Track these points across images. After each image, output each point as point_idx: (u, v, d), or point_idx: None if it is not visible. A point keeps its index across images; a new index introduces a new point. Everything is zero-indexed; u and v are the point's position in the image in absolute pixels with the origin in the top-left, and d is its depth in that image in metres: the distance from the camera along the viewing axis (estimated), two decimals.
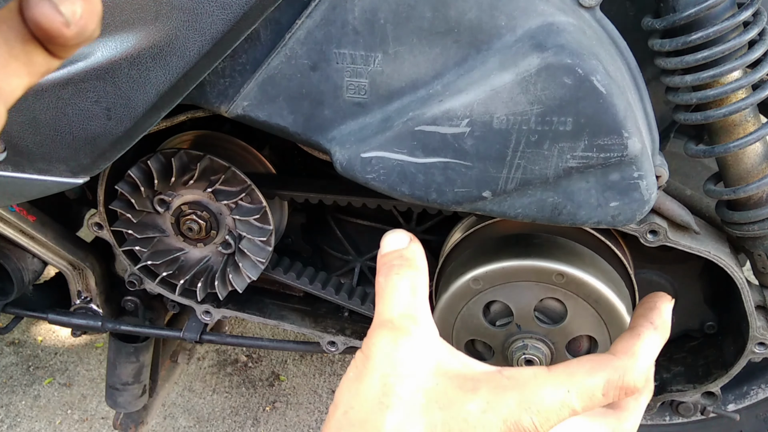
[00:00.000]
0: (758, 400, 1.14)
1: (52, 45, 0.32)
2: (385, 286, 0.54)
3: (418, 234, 1.15)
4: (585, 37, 0.69)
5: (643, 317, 0.57)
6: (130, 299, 1.21)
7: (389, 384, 0.49)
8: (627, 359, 0.52)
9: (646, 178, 0.73)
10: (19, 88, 0.32)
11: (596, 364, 0.51)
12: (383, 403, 0.49)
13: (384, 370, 0.50)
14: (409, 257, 0.55)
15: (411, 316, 0.52)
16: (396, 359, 0.50)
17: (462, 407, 0.48)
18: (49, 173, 0.74)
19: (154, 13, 0.64)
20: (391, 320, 0.52)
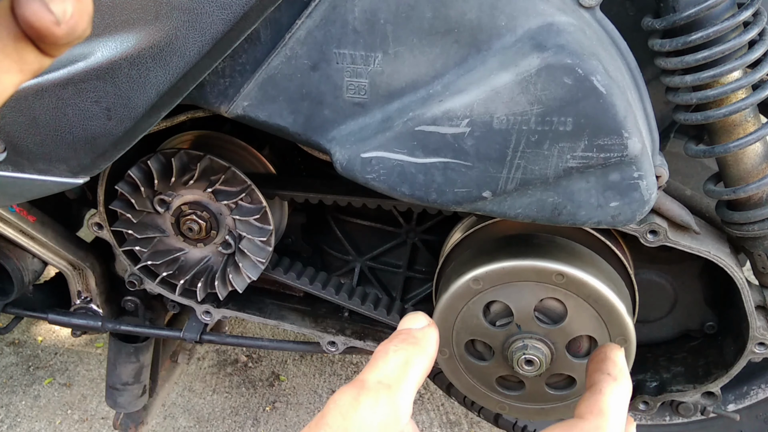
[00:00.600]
0: (758, 400, 1.14)
1: (43, 43, 0.32)
2: (378, 353, 0.49)
3: (418, 234, 1.15)
4: (585, 38, 0.69)
5: (599, 371, 0.53)
6: (130, 299, 1.21)
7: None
8: (596, 419, 0.48)
9: (646, 178, 0.73)
10: (11, 85, 0.33)
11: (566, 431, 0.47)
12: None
13: (334, 428, 0.44)
14: (418, 336, 0.50)
15: (387, 385, 0.46)
16: (351, 418, 0.44)
17: None
18: (49, 173, 0.74)
19: (154, 13, 0.64)
20: (364, 381, 0.46)
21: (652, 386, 1.10)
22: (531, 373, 0.90)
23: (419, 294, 1.19)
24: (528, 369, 0.89)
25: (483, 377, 0.97)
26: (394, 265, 1.19)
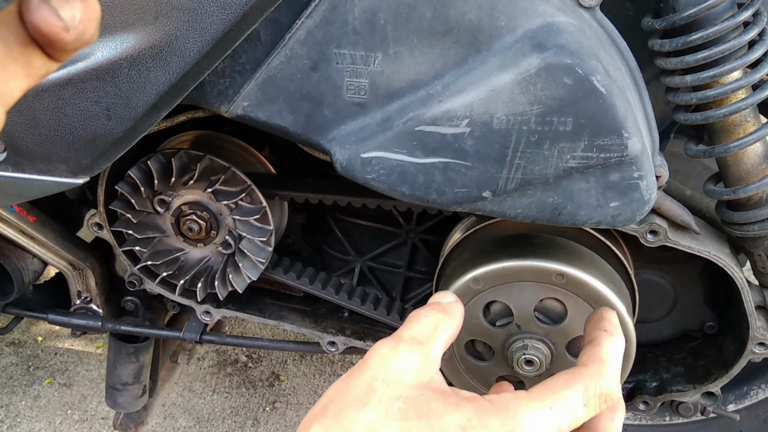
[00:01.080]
0: (758, 400, 1.14)
1: (51, 49, 0.32)
2: (412, 316, 0.57)
3: (418, 234, 1.15)
4: (585, 38, 0.69)
5: (596, 328, 0.59)
6: (130, 299, 1.21)
7: (374, 386, 0.50)
8: (597, 366, 0.53)
9: (646, 179, 0.73)
10: (17, 90, 0.33)
11: (570, 376, 0.51)
12: (362, 401, 0.49)
13: (375, 372, 0.51)
14: (446, 306, 0.58)
15: (420, 341, 0.53)
16: (390, 364, 0.51)
17: (441, 419, 0.47)
18: (49, 173, 0.74)
19: (154, 13, 0.64)
20: (401, 336, 0.54)
21: (652, 386, 1.10)
22: (531, 374, 0.90)
23: (419, 294, 1.19)
24: (528, 369, 0.89)
25: (483, 377, 0.97)
26: (394, 265, 1.19)
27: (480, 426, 0.47)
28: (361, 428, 0.47)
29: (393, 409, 0.48)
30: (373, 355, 0.52)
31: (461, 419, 0.47)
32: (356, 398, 0.49)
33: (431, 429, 0.47)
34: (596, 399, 0.51)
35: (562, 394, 0.50)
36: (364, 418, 0.48)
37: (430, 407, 0.48)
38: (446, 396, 0.50)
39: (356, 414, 0.48)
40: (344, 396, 0.50)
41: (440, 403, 0.49)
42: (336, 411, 0.49)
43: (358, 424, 0.48)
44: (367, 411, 0.48)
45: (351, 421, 0.48)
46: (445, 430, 0.47)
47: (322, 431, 0.49)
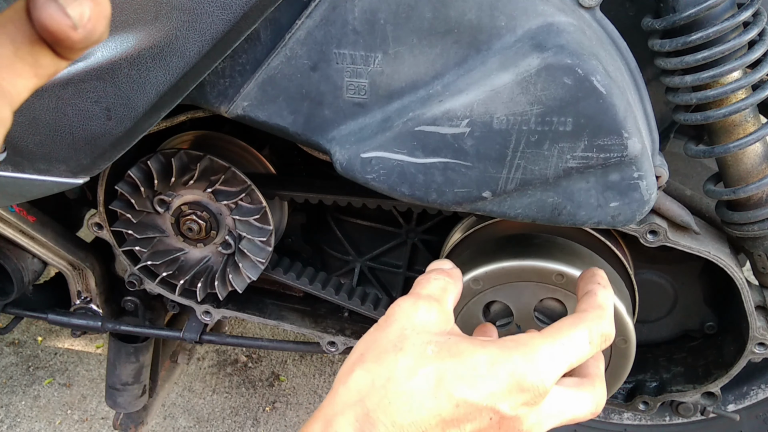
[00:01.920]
0: (758, 401, 1.14)
1: (59, 47, 0.31)
2: (421, 278, 0.63)
3: (418, 234, 1.15)
4: (585, 38, 0.69)
5: (590, 283, 0.66)
6: (130, 299, 1.21)
7: (405, 334, 0.56)
8: (597, 311, 0.60)
9: (646, 179, 0.73)
10: (25, 89, 0.32)
11: (575, 319, 0.59)
12: (397, 346, 0.55)
13: (402, 323, 0.57)
14: (449, 271, 0.65)
15: (436, 298, 0.60)
16: (414, 316, 0.58)
17: (472, 357, 0.53)
18: (49, 173, 0.74)
19: (154, 13, 0.64)
20: (418, 293, 0.61)
21: (652, 386, 1.10)
22: None
23: None
24: None
25: None
26: (394, 265, 1.19)
27: (505, 360, 0.53)
28: (402, 368, 0.53)
29: (427, 351, 0.54)
30: (397, 309, 0.59)
31: (490, 357, 0.53)
32: (391, 344, 0.55)
33: (464, 365, 0.53)
34: (599, 338, 0.58)
35: (571, 334, 0.57)
36: (403, 361, 0.53)
37: (459, 348, 0.54)
38: (471, 339, 0.56)
39: (395, 357, 0.54)
40: (379, 344, 0.56)
41: (468, 344, 0.55)
42: (375, 356, 0.55)
43: (398, 365, 0.53)
44: (404, 354, 0.54)
45: (391, 363, 0.54)
46: (477, 365, 0.53)
47: (365, 373, 0.54)
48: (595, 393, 0.59)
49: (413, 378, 0.52)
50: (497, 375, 0.52)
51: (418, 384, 0.52)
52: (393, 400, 0.52)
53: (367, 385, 0.53)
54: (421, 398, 0.52)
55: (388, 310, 0.60)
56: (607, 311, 0.61)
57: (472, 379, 0.52)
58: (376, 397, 0.52)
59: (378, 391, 0.52)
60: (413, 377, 0.52)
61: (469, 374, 0.52)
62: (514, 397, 0.52)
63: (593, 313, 0.60)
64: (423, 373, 0.52)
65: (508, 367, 0.53)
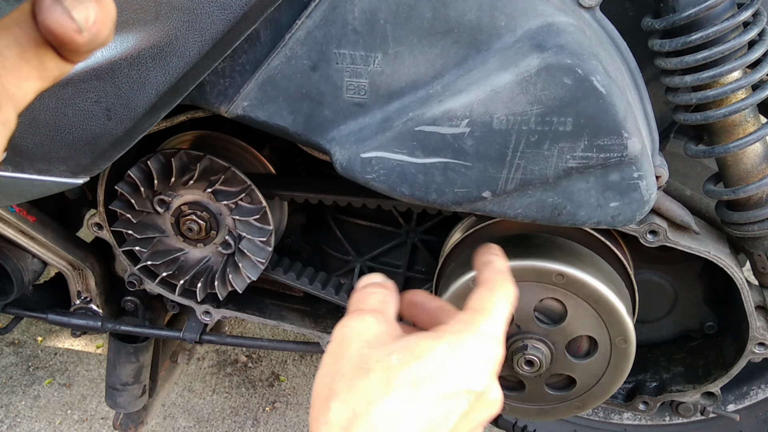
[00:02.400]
0: (758, 401, 1.14)
1: (64, 50, 0.31)
2: (357, 295, 0.63)
3: (418, 234, 1.15)
4: (585, 38, 0.69)
5: (484, 255, 0.68)
6: (130, 299, 1.21)
7: (365, 353, 0.55)
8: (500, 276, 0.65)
9: (645, 179, 0.73)
10: (30, 92, 0.32)
11: (490, 289, 0.63)
12: (363, 368, 0.54)
13: (358, 343, 0.56)
14: (382, 283, 0.65)
15: (380, 311, 0.60)
16: (366, 332, 0.57)
17: (433, 352, 0.54)
18: (49, 173, 0.74)
19: (154, 14, 0.64)
20: (362, 309, 0.60)
21: (651, 386, 1.10)
22: (531, 374, 0.90)
23: None
24: (528, 369, 0.89)
25: None
26: (394, 265, 1.19)
27: (463, 347, 0.56)
28: (376, 388, 0.52)
29: (392, 362, 0.54)
30: (347, 330, 0.58)
31: (448, 344, 0.55)
32: (357, 368, 0.54)
33: (433, 362, 0.54)
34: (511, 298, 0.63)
35: (496, 303, 0.61)
36: (374, 380, 0.53)
37: (420, 347, 0.55)
38: (423, 335, 0.57)
39: (367, 379, 0.53)
40: (344, 372, 0.54)
41: (426, 340, 0.55)
42: (346, 385, 0.53)
43: (372, 386, 0.52)
44: (374, 373, 0.53)
45: (364, 387, 0.52)
46: (443, 358, 0.54)
47: (342, 405, 0.52)
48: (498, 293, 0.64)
49: (390, 393, 0.52)
50: (461, 361, 0.55)
51: (396, 397, 0.52)
52: (378, 422, 0.51)
53: (348, 417, 0.52)
54: (404, 410, 0.52)
55: (335, 335, 0.58)
56: (508, 275, 0.66)
57: (442, 372, 0.54)
58: (362, 426, 0.51)
59: (362, 419, 0.52)
60: (390, 392, 0.52)
61: (437, 370, 0.54)
62: (480, 373, 0.56)
63: (500, 279, 0.65)
64: (397, 384, 0.53)
65: (467, 350, 0.56)
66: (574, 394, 0.95)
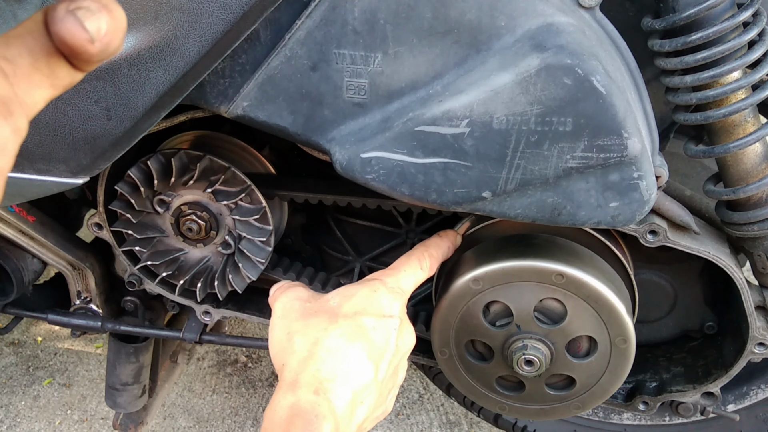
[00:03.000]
0: (758, 401, 1.14)
1: (75, 60, 0.31)
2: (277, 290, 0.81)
3: (417, 234, 1.15)
4: (585, 38, 0.69)
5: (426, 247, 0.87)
6: (130, 299, 1.21)
7: (306, 306, 0.74)
8: (421, 247, 0.85)
9: (645, 179, 0.73)
10: (41, 100, 0.32)
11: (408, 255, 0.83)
12: (311, 312, 0.72)
13: (297, 302, 0.75)
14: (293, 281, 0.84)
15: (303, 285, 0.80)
16: (300, 294, 0.77)
17: (360, 293, 0.73)
18: (48, 173, 0.74)
19: (154, 14, 0.64)
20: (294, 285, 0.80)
21: (651, 386, 1.10)
22: (531, 374, 0.90)
23: (419, 294, 1.19)
24: (528, 369, 0.89)
25: (483, 377, 0.97)
26: None
27: (378, 291, 0.74)
28: (328, 321, 0.70)
29: (332, 304, 0.73)
30: (285, 299, 0.76)
31: (368, 289, 0.74)
32: (305, 313, 0.72)
33: (361, 299, 0.73)
34: (428, 260, 0.83)
35: (409, 264, 0.80)
36: (323, 317, 0.71)
37: (349, 291, 0.74)
38: (348, 285, 0.76)
39: (317, 318, 0.71)
40: (295, 318, 0.72)
41: (351, 288, 0.75)
42: (300, 325, 0.71)
43: (324, 321, 0.70)
44: (321, 313, 0.72)
45: (317, 322, 0.70)
46: (368, 296, 0.74)
47: (303, 338, 0.68)
48: None
49: (338, 321, 0.69)
50: (378, 299, 0.73)
51: (344, 324, 0.68)
52: (333, 343, 0.67)
53: (310, 343, 0.67)
54: (352, 333, 0.68)
55: (276, 307, 0.76)
56: (430, 249, 0.84)
57: (370, 305, 0.72)
58: (322, 348, 0.66)
59: (320, 343, 0.67)
60: (338, 321, 0.69)
61: (366, 304, 0.72)
62: (393, 309, 0.73)
63: (419, 249, 0.83)
64: (342, 315, 0.70)
65: (380, 293, 0.74)
66: (574, 394, 0.95)
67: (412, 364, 1.82)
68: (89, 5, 0.30)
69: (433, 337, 0.96)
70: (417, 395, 1.81)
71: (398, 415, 1.75)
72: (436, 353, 0.97)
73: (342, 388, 0.63)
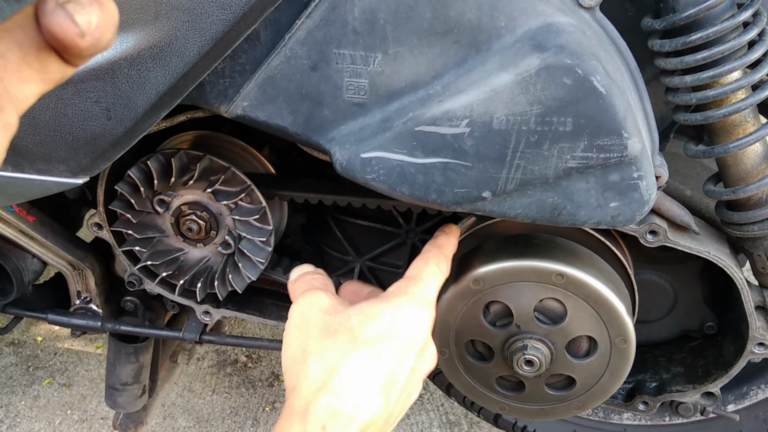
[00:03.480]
0: (758, 401, 1.14)
1: (66, 54, 0.31)
2: (298, 281, 0.76)
3: (417, 234, 1.15)
4: (585, 38, 0.69)
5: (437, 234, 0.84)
6: (130, 299, 1.21)
7: (326, 320, 0.68)
8: (435, 249, 0.79)
9: (645, 179, 0.73)
10: (32, 95, 0.32)
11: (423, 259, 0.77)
12: (330, 331, 0.66)
13: (318, 313, 0.69)
14: (316, 270, 0.79)
15: (325, 290, 0.73)
16: (321, 304, 0.70)
17: (384, 315, 0.67)
18: (48, 173, 0.74)
19: (154, 13, 0.64)
20: (309, 289, 0.72)
21: (651, 386, 1.10)
22: (531, 374, 0.90)
23: None
24: (528, 369, 0.89)
25: (483, 378, 0.97)
26: (394, 265, 1.19)
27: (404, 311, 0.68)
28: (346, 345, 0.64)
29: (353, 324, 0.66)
30: (305, 305, 0.70)
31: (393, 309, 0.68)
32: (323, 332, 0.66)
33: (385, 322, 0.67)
34: (444, 263, 0.78)
35: (429, 272, 0.74)
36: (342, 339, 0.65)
37: (372, 310, 0.67)
38: (372, 301, 0.69)
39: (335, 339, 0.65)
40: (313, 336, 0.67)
41: (375, 306, 0.68)
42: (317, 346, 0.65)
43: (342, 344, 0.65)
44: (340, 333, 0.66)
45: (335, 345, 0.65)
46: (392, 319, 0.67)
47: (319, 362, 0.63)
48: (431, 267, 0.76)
49: (357, 347, 0.63)
50: (404, 321, 0.67)
51: (363, 351, 0.63)
52: (351, 371, 0.62)
53: (326, 370, 0.62)
54: (370, 361, 0.63)
55: (294, 312, 0.70)
56: (445, 249, 0.80)
57: (393, 331, 0.66)
58: (338, 376, 0.62)
59: (337, 370, 0.62)
60: (357, 347, 0.63)
61: (390, 328, 0.66)
62: (419, 332, 0.68)
63: (434, 252, 0.78)
64: (362, 340, 0.64)
65: (407, 313, 0.68)
66: (574, 394, 0.95)
67: None
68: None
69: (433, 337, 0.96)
70: None
71: None
72: None
73: (351, 425, 0.61)
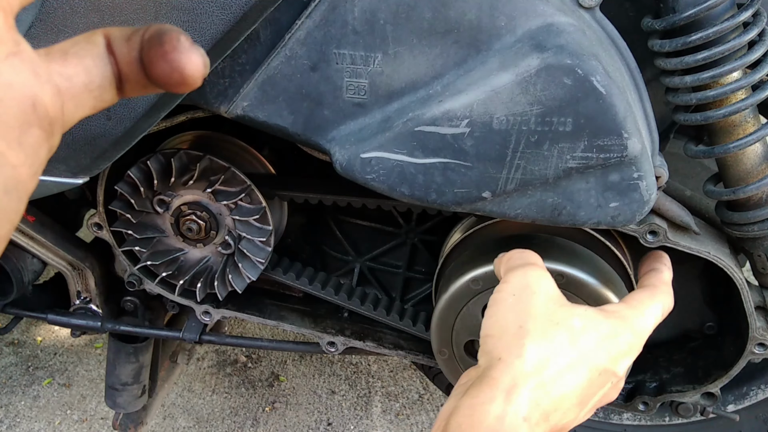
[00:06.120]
0: (758, 401, 1.14)
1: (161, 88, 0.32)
2: (515, 252, 0.73)
3: (417, 234, 1.15)
4: (585, 38, 0.69)
5: (655, 261, 0.82)
6: (130, 299, 1.21)
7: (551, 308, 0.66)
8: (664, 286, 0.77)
9: (645, 179, 0.73)
10: (78, 119, 0.33)
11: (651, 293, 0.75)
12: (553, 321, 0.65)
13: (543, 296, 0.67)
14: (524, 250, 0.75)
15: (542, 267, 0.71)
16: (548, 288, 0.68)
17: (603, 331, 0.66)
18: (48, 173, 0.74)
19: (154, 13, 0.64)
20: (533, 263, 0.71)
21: (651, 387, 1.10)
22: None
23: (419, 294, 1.19)
24: None
25: None
26: (394, 265, 1.19)
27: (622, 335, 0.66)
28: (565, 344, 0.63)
29: (575, 325, 0.65)
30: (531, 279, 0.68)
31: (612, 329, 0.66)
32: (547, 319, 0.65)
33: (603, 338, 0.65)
34: (666, 310, 0.74)
35: (651, 307, 0.72)
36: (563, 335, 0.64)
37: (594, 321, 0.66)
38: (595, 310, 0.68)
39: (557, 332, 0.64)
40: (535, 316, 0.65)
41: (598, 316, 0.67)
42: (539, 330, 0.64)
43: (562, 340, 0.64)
44: (562, 329, 0.64)
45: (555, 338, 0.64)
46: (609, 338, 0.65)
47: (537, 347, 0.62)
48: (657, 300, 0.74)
49: (575, 351, 0.63)
50: (618, 345, 0.65)
51: (578, 356, 0.63)
52: (562, 370, 0.62)
53: (542, 358, 0.62)
54: (581, 369, 0.63)
55: (514, 278, 0.68)
56: (670, 288, 0.77)
57: (607, 350, 0.64)
58: (551, 368, 0.61)
59: (551, 363, 0.62)
60: (574, 350, 0.63)
61: (606, 346, 0.64)
62: (625, 362, 0.66)
63: (662, 288, 0.76)
64: (581, 345, 0.63)
65: (623, 338, 0.66)
66: None
67: (412, 364, 1.82)
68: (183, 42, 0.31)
69: (433, 337, 0.96)
70: (417, 395, 1.81)
71: (398, 415, 1.75)
72: (435, 353, 0.97)
73: (544, 423, 0.60)
